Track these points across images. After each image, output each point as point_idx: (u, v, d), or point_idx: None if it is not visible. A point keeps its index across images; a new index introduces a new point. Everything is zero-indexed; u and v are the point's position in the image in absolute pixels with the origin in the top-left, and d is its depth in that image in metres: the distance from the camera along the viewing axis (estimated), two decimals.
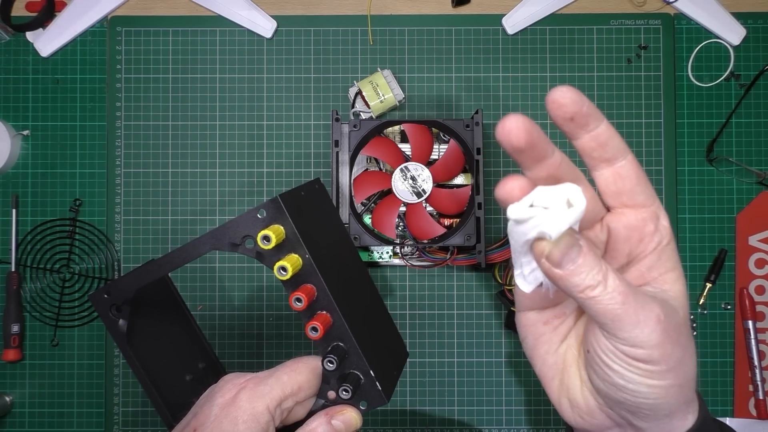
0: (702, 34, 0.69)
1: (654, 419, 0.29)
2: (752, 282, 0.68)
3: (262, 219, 0.36)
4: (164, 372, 0.44)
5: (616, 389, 0.28)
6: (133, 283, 0.40)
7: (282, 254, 0.36)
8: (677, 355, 0.27)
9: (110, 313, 0.42)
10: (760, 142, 0.69)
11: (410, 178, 0.61)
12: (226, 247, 0.37)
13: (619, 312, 0.26)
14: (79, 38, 0.70)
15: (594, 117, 0.28)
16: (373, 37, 0.70)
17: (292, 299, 0.36)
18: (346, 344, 0.38)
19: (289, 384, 0.36)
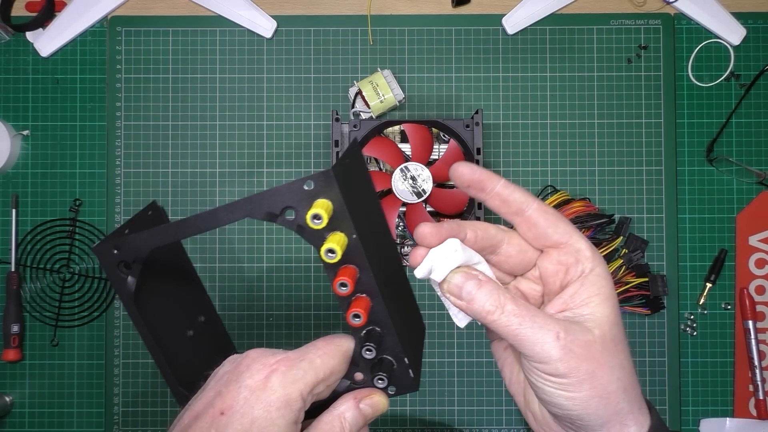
0: (702, 34, 0.69)
1: (592, 429, 0.32)
2: (752, 282, 0.68)
3: (308, 191, 0.33)
4: (167, 331, 0.41)
5: (546, 403, 0.33)
6: (149, 243, 0.36)
7: (327, 232, 0.33)
8: (586, 368, 0.31)
9: (118, 270, 0.38)
10: (760, 142, 0.69)
11: (410, 178, 0.61)
12: (263, 215, 0.34)
13: (517, 332, 0.31)
14: (79, 38, 0.70)
15: (488, 180, 0.34)
16: (373, 37, 0.70)
17: (337, 284, 0.33)
18: (382, 329, 0.35)
19: (323, 368, 0.33)
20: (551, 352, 0.30)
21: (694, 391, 0.68)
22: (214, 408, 0.32)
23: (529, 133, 0.69)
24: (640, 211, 0.69)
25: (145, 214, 0.42)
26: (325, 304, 0.68)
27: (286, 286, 0.68)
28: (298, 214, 0.33)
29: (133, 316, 0.39)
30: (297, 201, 0.33)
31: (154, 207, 0.43)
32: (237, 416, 0.31)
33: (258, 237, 0.69)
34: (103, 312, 0.68)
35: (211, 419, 0.31)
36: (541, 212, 0.34)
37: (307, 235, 0.33)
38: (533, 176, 0.69)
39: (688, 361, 0.68)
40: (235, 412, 0.31)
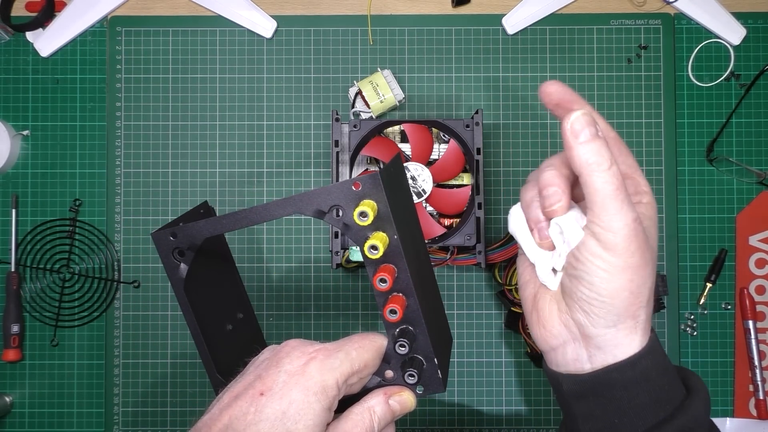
0: (702, 34, 0.69)
1: (603, 325, 0.35)
2: (752, 282, 0.68)
3: (356, 192, 0.36)
4: (209, 321, 0.43)
5: (581, 281, 0.35)
6: (204, 232, 0.39)
7: (370, 231, 0.36)
8: (635, 260, 0.33)
9: (172, 256, 0.40)
10: (760, 142, 0.69)
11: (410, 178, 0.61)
12: (312, 213, 0.37)
13: (611, 194, 0.32)
14: (79, 38, 0.70)
15: (576, 103, 0.38)
16: (373, 37, 0.70)
17: (377, 280, 0.35)
18: (415, 328, 0.37)
19: (357, 360, 0.35)
20: (623, 229, 0.32)
21: None
22: (254, 389, 0.33)
23: (529, 133, 0.69)
24: None
25: (197, 212, 0.44)
26: (325, 304, 0.68)
27: (286, 286, 0.68)
28: (344, 213, 0.36)
29: (181, 302, 0.41)
30: (345, 200, 0.36)
31: (205, 206, 0.45)
32: (276, 397, 0.33)
33: (258, 237, 0.69)
34: (103, 312, 0.68)
35: (251, 399, 0.33)
36: (615, 143, 0.39)
37: (352, 232, 0.36)
38: None
39: (688, 361, 0.68)
40: (274, 394, 0.33)
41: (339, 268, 0.65)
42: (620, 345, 0.35)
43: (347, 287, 0.68)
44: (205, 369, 0.42)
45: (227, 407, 0.33)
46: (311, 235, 0.69)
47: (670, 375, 0.36)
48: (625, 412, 0.35)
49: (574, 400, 0.37)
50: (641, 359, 0.35)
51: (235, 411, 0.33)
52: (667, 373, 0.36)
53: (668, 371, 0.36)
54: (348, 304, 0.68)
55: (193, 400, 0.68)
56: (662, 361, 0.36)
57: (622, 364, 0.35)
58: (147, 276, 0.69)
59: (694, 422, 0.34)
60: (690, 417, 0.34)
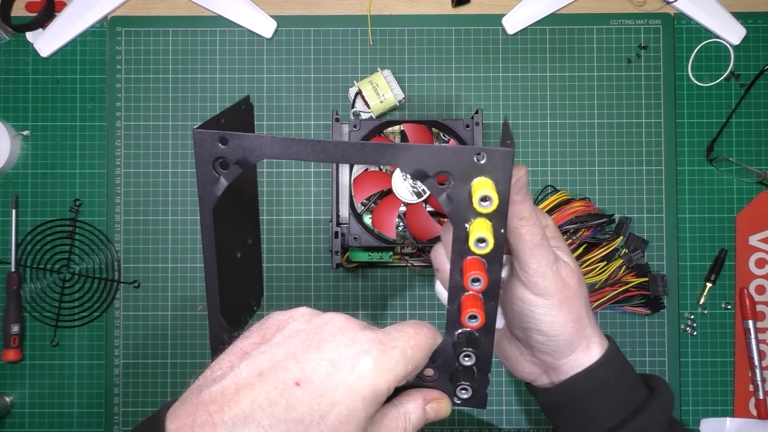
0: (702, 34, 0.69)
1: (563, 356, 0.38)
2: (752, 282, 0.68)
3: (476, 164, 0.29)
4: (224, 249, 0.37)
5: (532, 331, 0.37)
6: (267, 150, 0.31)
7: (474, 215, 0.30)
8: (566, 293, 0.36)
9: (212, 167, 0.32)
10: (760, 142, 0.69)
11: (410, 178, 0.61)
12: (411, 170, 0.30)
13: (537, 243, 0.35)
14: (79, 38, 0.70)
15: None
16: (373, 37, 0.70)
17: (469, 279, 0.30)
18: (481, 336, 0.33)
19: (412, 361, 0.29)
20: (547, 272, 0.36)
21: (694, 391, 0.68)
22: (287, 372, 0.26)
23: (529, 133, 0.69)
24: (640, 211, 0.69)
25: (239, 108, 0.37)
26: (325, 304, 0.68)
27: (287, 286, 0.68)
28: (454, 184, 0.30)
29: (205, 224, 0.34)
30: (458, 169, 0.30)
31: (246, 102, 0.38)
32: (316, 394, 0.26)
33: None
34: (103, 312, 0.68)
35: (282, 387, 0.26)
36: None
37: (454, 208, 0.30)
38: (533, 176, 0.69)
39: (688, 360, 0.68)
40: (314, 389, 0.26)
41: (339, 268, 0.65)
42: (582, 364, 0.38)
43: (347, 287, 0.68)
44: (208, 307, 0.36)
45: (248, 386, 0.26)
46: (311, 235, 0.69)
47: (630, 380, 0.39)
48: (594, 417, 0.38)
49: (553, 412, 0.41)
50: (598, 369, 0.38)
51: (260, 397, 0.25)
52: (626, 378, 0.39)
53: (627, 376, 0.39)
54: (348, 305, 0.68)
55: None
56: (620, 367, 0.39)
57: (581, 375, 0.38)
58: (147, 276, 0.69)
59: (650, 419, 0.37)
60: (646, 416, 0.37)
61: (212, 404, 0.25)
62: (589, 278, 0.64)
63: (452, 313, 0.32)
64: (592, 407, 0.38)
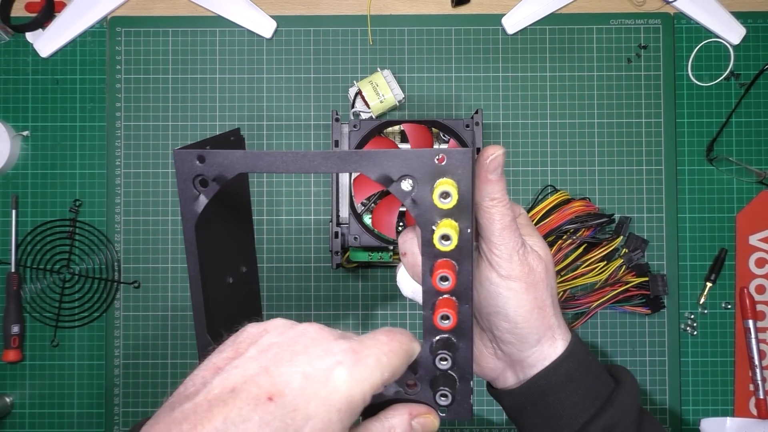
0: (702, 34, 0.69)
1: (528, 347, 0.37)
2: (752, 281, 0.68)
3: (437, 166, 0.30)
4: (212, 271, 0.37)
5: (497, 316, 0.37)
6: (240, 165, 0.32)
7: (440, 216, 0.31)
8: (533, 279, 0.36)
9: (192, 184, 0.33)
10: (760, 142, 0.69)
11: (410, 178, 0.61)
12: (376, 176, 0.31)
13: (506, 225, 0.35)
14: (78, 38, 0.70)
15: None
16: (373, 37, 0.70)
17: (437, 277, 0.31)
18: (458, 341, 0.33)
19: (388, 368, 0.29)
20: (514, 256, 0.35)
21: (694, 391, 0.68)
22: (260, 387, 0.26)
23: (529, 133, 0.69)
24: (640, 210, 0.69)
25: (227, 138, 0.38)
26: (325, 304, 0.68)
27: (287, 286, 0.68)
28: (417, 186, 0.31)
29: (188, 240, 0.35)
30: (421, 172, 0.31)
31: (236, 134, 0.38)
32: (289, 408, 0.25)
33: (258, 237, 0.69)
34: (103, 312, 0.68)
35: (255, 402, 0.25)
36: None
37: (420, 211, 0.31)
38: (533, 176, 0.69)
39: (688, 360, 0.68)
40: (287, 403, 0.26)
41: (339, 268, 0.65)
42: (547, 356, 0.37)
43: (347, 287, 0.68)
44: (195, 326, 0.36)
45: (220, 403, 0.25)
46: (311, 235, 0.69)
47: (595, 372, 0.38)
48: (561, 414, 0.37)
49: (517, 413, 0.40)
50: (562, 363, 0.37)
51: (233, 413, 0.25)
52: (590, 370, 0.38)
53: (592, 369, 0.38)
54: (348, 305, 0.68)
55: None
56: (584, 360, 0.38)
57: (545, 371, 0.37)
58: (147, 276, 0.69)
59: (621, 412, 0.37)
60: (617, 408, 0.37)
61: (185, 422, 0.25)
62: (589, 278, 0.64)
63: (427, 319, 0.33)
64: (559, 404, 0.37)
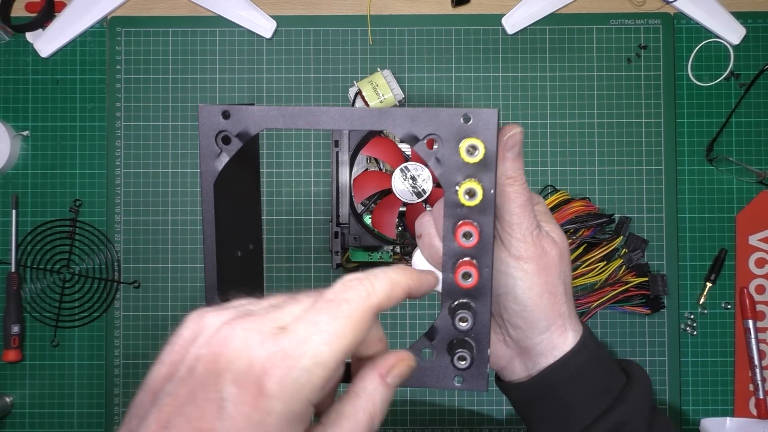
0: (702, 34, 0.69)
1: (537, 333, 0.36)
2: (752, 281, 0.68)
3: (463, 126, 0.31)
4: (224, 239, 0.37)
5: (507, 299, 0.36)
6: (267, 120, 0.32)
7: (463, 175, 0.31)
8: (545, 262, 0.35)
9: (215, 141, 0.33)
10: (760, 142, 0.69)
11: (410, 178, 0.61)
12: (403, 133, 0.31)
13: (522, 203, 0.35)
14: (78, 38, 0.70)
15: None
16: (373, 37, 0.70)
17: (460, 233, 0.31)
18: (477, 305, 0.32)
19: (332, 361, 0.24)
20: (527, 237, 0.35)
21: (694, 391, 0.68)
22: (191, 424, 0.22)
23: (528, 133, 0.69)
24: (640, 210, 0.69)
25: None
26: None
27: (287, 286, 0.68)
28: (442, 145, 0.31)
29: (206, 198, 0.35)
30: (447, 131, 0.31)
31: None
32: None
33: None
34: (104, 312, 0.68)
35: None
36: None
37: (444, 170, 0.31)
38: (533, 176, 0.69)
39: (688, 360, 0.68)
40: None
41: (339, 268, 0.65)
42: (557, 345, 0.37)
43: None
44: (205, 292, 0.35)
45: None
46: (311, 235, 0.69)
47: (606, 366, 0.38)
48: (572, 409, 0.37)
49: (526, 407, 0.39)
50: (573, 357, 0.36)
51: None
52: (602, 365, 0.38)
53: (603, 363, 0.38)
54: None
55: None
56: (596, 354, 0.37)
57: (556, 365, 0.36)
58: (147, 276, 0.69)
59: (633, 409, 0.36)
60: (629, 405, 0.36)
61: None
62: (589, 278, 0.64)
63: (447, 282, 0.32)
64: (569, 398, 0.37)
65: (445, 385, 0.33)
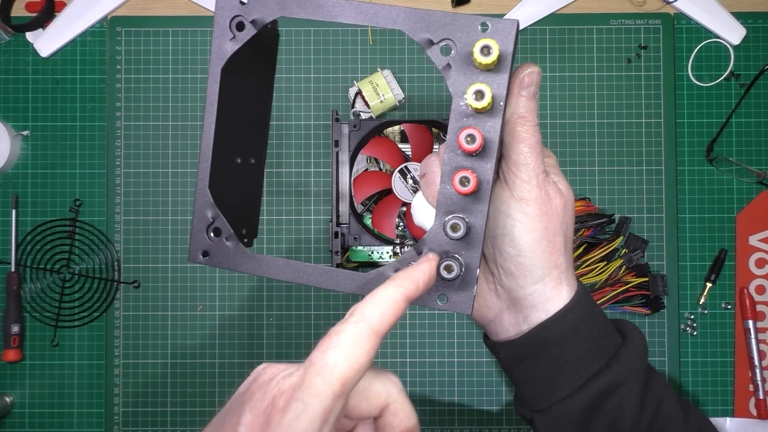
0: (702, 34, 0.69)
1: (531, 282, 0.35)
2: (752, 282, 0.68)
3: (479, 32, 0.30)
4: (224, 136, 0.36)
5: (504, 241, 0.35)
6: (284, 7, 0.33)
7: (472, 80, 0.30)
8: (547, 209, 0.34)
9: (229, 25, 0.34)
10: (760, 142, 0.69)
11: (410, 178, 0.61)
12: (419, 36, 0.30)
13: (532, 144, 0.34)
14: (78, 38, 0.70)
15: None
16: (373, 37, 0.70)
17: (462, 135, 0.30)
18: (470, 219, 0.31)
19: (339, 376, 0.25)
20: (533, 179, 0.34)
21: (694, 391, 0.68)
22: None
23: None
24: (640, 211, 0.69)
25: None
26: (325, 304, 0.68)
27: (286, 286, 0.68)
28: (456, 49, 0.30)
29: (211, 82, 0.34)
30: (462, 36, 0.30)
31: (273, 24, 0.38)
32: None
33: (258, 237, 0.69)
34: (103, 312, 0.68)
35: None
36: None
37: (454, 75, 0.30)
38: None
39: (688, 360, 0.68)
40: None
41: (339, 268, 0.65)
42: (550, 299, 0.35)
43: None
44: (197, 180, 0.35)
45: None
46: (311, 235, 0.69)
47: (600, 325, 0.36)
48: (562, 367, 0.35)
49: (514, 365, 0.37)
50: (567, 313, 0.35)
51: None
52: (596, 323, 0.36)
53: (597, 321, 0.36)
54: (348, 305, 0.68)
55: (194, 401, 0.68)
56: (590, 311, 0.36)
57: (550, 321, 0.35)
58: (147, 276, 0.69)
59: (628, 370, 0.35)
60: (624, 365, 0.35)
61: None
62: (589, 278, 0.64)
63: (444, 192, 0.31)
64: (561, 357, 0.35)
65: (426, 302, 0.32)
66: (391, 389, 0.29)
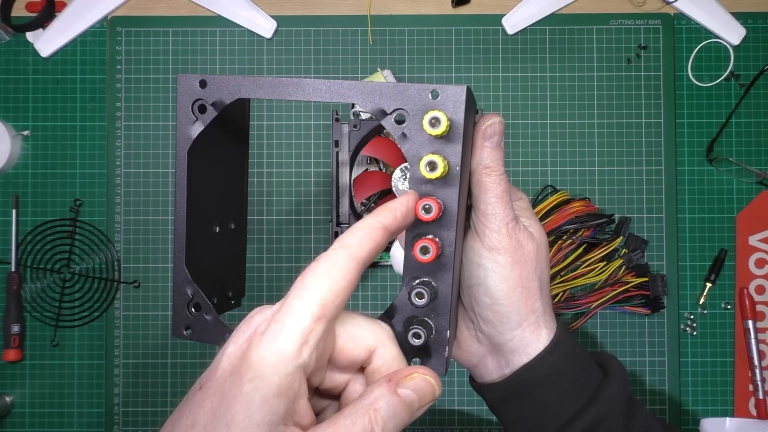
0: (702, 34, 0.69)
1: (509, 329, 0.35)
2: (752, 282, 0.68)
3: (431, 101, 0.31)
4: (198, 210, 0.37)
5: (478, 291, 0.35)
6: (241, 90, 0.33)
7: (427, 150, 0.31)
8: (519, 256, 0.35)
9: (191, 109, 0.34)
10: (760, 142, 0.69)
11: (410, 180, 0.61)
12: (371, 107, 0.31)
13: (500, 194, 0.34)
14: (79, 38, 0.70)
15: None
16: (373, 37, 0.70)
17: (420, 206, 0.30)
18: (437, 283, 0.32)
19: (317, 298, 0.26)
20: (502, 229, 0.34)
21: (694, 391, 0.68)
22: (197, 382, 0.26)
23: (529, 133, 0.69)
24: (640, 211, 0.69)
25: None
26: None
27: (287, 286, 0.68)
28: (408, 121, 0.31)
29: (179, 165, 0.35)
30: (414, 107, 0.31)
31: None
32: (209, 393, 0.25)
33: (258, 237, 0.69)
34: (104, 312, 0.68)
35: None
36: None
37: (409, 145, 0.31)
38: (533, 176, 0.69)
39: (688, 360, 0.68)
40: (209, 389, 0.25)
41: None
42: (530, 343, 0.36)
43: None
44: (174, 258, 0.36)
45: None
46: (311, 235, 0.69)
47: (582, 363, 0.37)
48: (547, 407, 0.36)
49: (501, 407, 0.38)
50: (548, 355, 0.36)
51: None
52: (577, 362, 0.37)
53: (578, 360, 0.37)
54: (348, 305, 0.68)
55: None
56: (571, 351, 0.37)
57: (531, 364, 0.36)
58: (147, 276, 0.69)
59: (609, 405, 0.35)
60: (605, 401, 0.35)
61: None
62: (589, 278, 0.64)
63: (408, 258, 0.32)
64: (545, 397, 0.36)
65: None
66: (379, 333, 0.29)
